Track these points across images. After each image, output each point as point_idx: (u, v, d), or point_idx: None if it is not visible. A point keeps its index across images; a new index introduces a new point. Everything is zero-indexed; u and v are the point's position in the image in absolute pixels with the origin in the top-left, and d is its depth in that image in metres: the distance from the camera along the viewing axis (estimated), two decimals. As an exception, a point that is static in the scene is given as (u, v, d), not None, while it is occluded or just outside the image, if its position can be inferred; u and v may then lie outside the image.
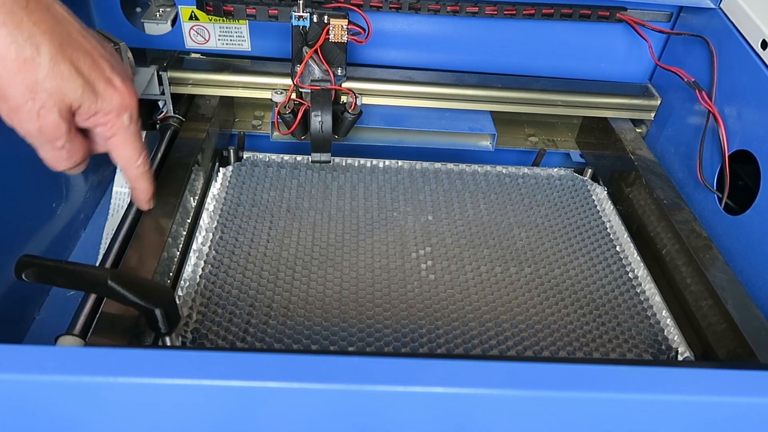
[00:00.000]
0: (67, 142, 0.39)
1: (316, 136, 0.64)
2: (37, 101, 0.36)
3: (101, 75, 0.39)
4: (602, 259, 0.59)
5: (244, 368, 0.30)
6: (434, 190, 0.67)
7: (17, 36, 0.35)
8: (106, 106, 0.39)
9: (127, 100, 0.41)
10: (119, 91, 0.40)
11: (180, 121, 0.69)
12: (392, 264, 0.56)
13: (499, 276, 0.56)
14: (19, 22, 0.35)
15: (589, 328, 0.52)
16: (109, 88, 0.39)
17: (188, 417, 0.32)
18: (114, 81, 0.40)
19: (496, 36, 0.74)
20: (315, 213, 0.62)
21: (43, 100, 0.36)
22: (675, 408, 0.32)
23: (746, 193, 0.60)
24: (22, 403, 0.31)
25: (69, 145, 0.39)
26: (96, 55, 0.39)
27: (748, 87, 0.60)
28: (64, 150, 0.39)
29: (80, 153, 0.41)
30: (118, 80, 0.40)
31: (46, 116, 0.37)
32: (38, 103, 0.36)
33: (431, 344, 0.49)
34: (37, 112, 0.37)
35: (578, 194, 0.68)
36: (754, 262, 0.57)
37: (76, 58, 0.37)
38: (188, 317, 0.48)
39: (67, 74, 0.37)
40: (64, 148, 0.39)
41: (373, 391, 0.31)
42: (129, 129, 0.42)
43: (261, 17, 0.64)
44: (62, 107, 0.37)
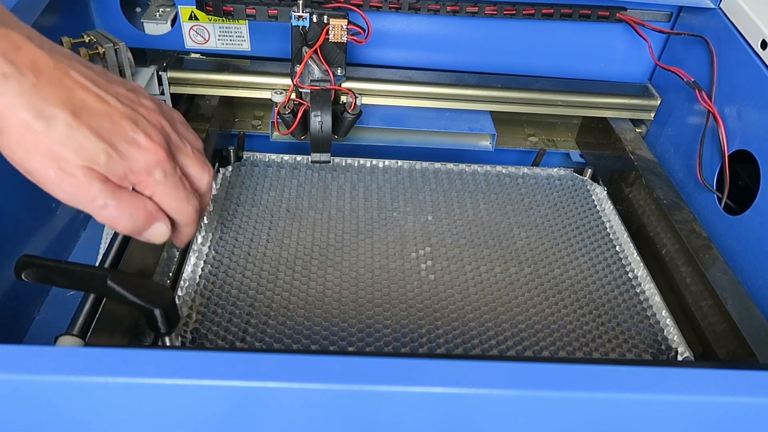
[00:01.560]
0: (109, 198, 0.37)
1: (316, 136, 0.64)
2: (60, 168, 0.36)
3: (123, 135, 0.38)
4: (602, 259, 0.59)
5: (244, 368, 0.30)
6: (434, 190, 0.67)
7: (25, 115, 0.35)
8: (134, 166, 0.38)
9: (154, 157, 0.39)
10: (144, 150, 0.38)
11: (180, 121, 0.69)
12: (392, 264, 0.56)
13: (498, 276, 0.56)
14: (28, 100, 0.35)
15: (589, 328, 0.52)
16: (133, 148, 0.38)
17: (188, 417, 0.32)
18: (138, 140, 0.38)
19: (496, 36, 0.74)
20: (315, 213, 0.61)
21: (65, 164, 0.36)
22: (675, 408, 0.32)
23: (746, 193, 0.60)
24: (22, 403, 0.31)
25: (113, 201, 0.37)
26: (116, 117, 0.38)
27: (748, 87, 0.60)
28: (111, 208, 0.38)
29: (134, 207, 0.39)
30: (143, 138, 0.38)
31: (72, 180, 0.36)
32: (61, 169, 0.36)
33: (431, 344, 0.49)
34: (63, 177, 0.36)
35: (578, 194, 0.68)
36: (754, 262, 0.57)
37: (94, 123, 0.36)
38: (188, 317, 0.48)
39: (85, 139, 0.36)
40: (109, 206, 0.37)
41: (373, 391, 0.31)
42: (166, 183, 0.40)
43: (261, 17, 0.64)
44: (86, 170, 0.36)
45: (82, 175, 0.36)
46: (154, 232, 0.41)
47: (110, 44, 0.62)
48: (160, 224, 0.41)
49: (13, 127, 0.35)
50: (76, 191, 0.37)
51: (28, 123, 0.35)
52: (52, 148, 0.35)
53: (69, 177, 0.36)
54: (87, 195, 0.37)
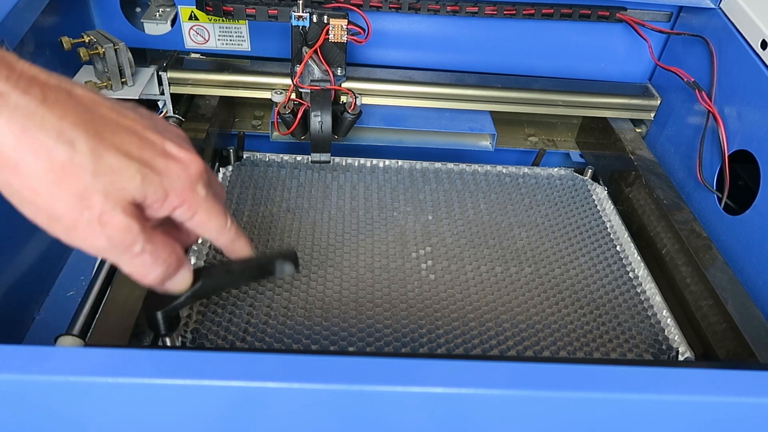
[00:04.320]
0: (146, 243, 0.32)
1: (316, 136, 0.64)
2: (93, 208, 0.30)
3: (155, 150, 0.32)
4: (602, 259, 0.59)
5: (244, 368, 0.30)
6: (434, 189, 0.67)
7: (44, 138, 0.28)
8: (175, 184, 0.32)
9: (193, 169, 0.33)
10: (182, 162, 0.33)
11: (180, 121, 0.69)
12: (392, 264, 0.56)
13: (499, 276, 0.56)
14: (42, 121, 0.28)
15: (590, 327, 0.52)
16: (170, 161, 0.32)
17: (188, 417, 0.32)
18: (171, 151, 0.33)
19: (496, 36, 0.74)
20: (315, 213, 0.61)
21: (100, 203, 0.30)
22: (675, 408, 0.32)
23: (746, 193, 0.60)
24: (22, 403, 0.31)
25: (150, 246, 0.32)
26: (140, 129, 0.32)
27: (748, 87, 0.60)
28: (146, 254, 0.32)
29: (167, 252, 0.34)
30: (174, 148, 0.33)
31: (110, 221, 0.30)
32: (96, 210, 0.30)
33: (431, 344, 0.49)
34: (98, 220, 0.30)
35: (578, 194, 0.68)
36: (754, 262, 0.57)
37: (120, 141, 0.31)
38: (188, 317, 0.48)
39: (117, 164, 0.30)
40: (146, 252, 0.32)
41: (373, 391, 0.31)
42: (207, 199, 0.34)
43: (261, 17, 0.64)
44: (125, 204, 0.31)
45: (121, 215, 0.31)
46: (180, 279, 0.36)
47: (110, 44, 0.62)
48: (185, 270, 0.36)
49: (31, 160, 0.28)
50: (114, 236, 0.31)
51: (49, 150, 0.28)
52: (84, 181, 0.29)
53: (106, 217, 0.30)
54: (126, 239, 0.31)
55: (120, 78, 0.64)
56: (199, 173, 0.34)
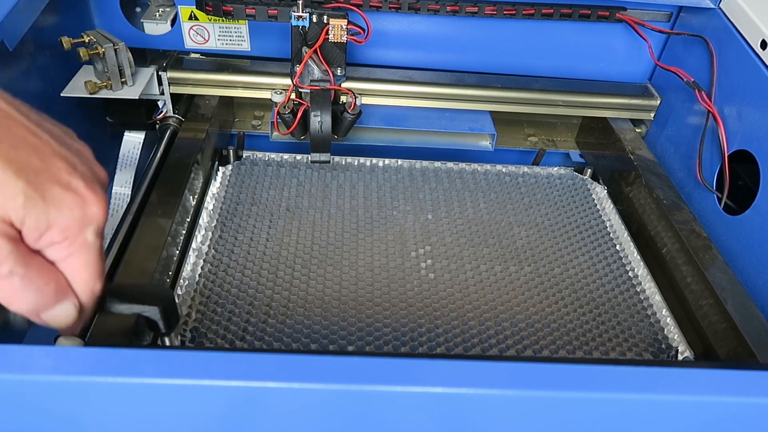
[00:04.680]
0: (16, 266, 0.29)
1: (316, 136, 0.64)
2: None
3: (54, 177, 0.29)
4: (602, 258, 0.59)
5: (244, 368, 0.30)
6: (434, 189, 0.67)
7: None
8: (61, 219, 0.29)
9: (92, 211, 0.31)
10: (81, 198, 0.30)
11: (179, 121, 0.69)
12: (392, 263, 0.56)
13: (498, 275, 0.56)
14: None
15: (589, 327, 0.52)
16: (67, 194, 0.30)
17: (188, 417, 0.32)
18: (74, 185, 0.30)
19: (496, 36, 0.74)
20: (314, 212, 0.61)
21: None
22: (675, 408, 0.32)
23: (746, 193, 0.60)
24: (22, 403, 0.31)
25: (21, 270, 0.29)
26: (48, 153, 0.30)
27: (748, 87, 0.60)
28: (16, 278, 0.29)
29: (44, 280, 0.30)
30: (80, 184, 0.30)
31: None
32: None
33: (431, 343, 0.49)
34: None
35: (578, 193, 0.68)
36: (754, 262, 0.57)
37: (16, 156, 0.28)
38: (187, 316, 0.48)
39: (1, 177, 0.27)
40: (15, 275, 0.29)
41: (373, 391, 0.31)
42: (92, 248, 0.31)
43: (260, 17, 0.64)
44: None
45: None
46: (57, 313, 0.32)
47: (110, 44, 0.62)
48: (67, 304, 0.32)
49: None
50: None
51: None
52: None
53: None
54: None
55: (120, 78, 0.64)
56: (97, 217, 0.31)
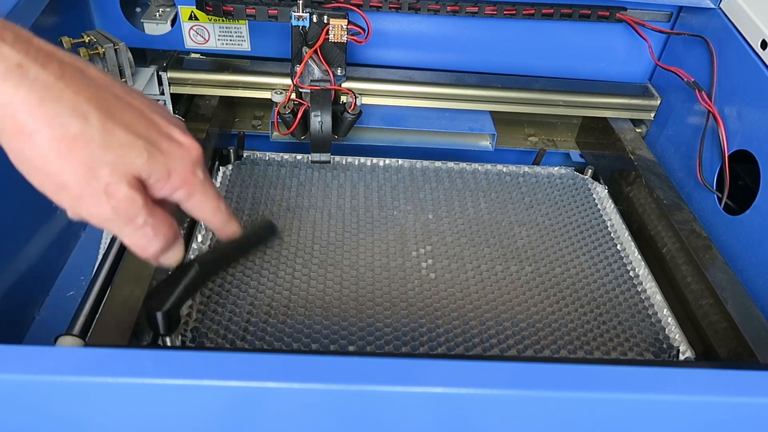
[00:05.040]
0: (148, 216, 0.33)
1: (316, 136, 0.64)
2: (100, 179, 0.31)
3: (161, 132, 0.34)
4: (603, 258, 0.59)
5: (244, 368, 0.30)
6: (434, 188, 0.67)
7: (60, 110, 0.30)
8: (178, 165, 0.34)
9: (194, 153, 0.35)
10: (184, 146, 0.35)
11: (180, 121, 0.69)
12: (392, 263, 0.56)
13: (499, 275, 0.56)
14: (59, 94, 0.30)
15: (590, 326, 0.52)
16: (173, 144, 0.34)
17: (188, 417, 0.32)
18: (175, 135, 0.35)
19: (496, 36, 0.74)
20: (315, 211, 0.61)
21: (107, 175, 0.31)
22: (675, 408, 0.32)
23: (746, 193, 0.60)
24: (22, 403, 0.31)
25: (152, 219, 0.34)
26: (148, 112, 0.34)
27: (748, 87, 0.60)
28: (148, 227, 0.34)
29: (167, 227, 0.35)
30: (178, 133, 0.35)
31: (116, 193, 0.32)
32: (102, 180, 0.31)
33: (431, 343, 0.49)
34: (104, 190, 0.31)
35: (579, 193, 0.68)
36: (754, 262, 0.57)
37: (130, 120, 0.33)
38: (188, 316, 0.48)
39: (125, 140, 0.32)
40: (147, 224, 0.33)
41: (373, 391, 0.31)
42: (205, 182, 0.36)
43: (261, 17, 0.64)
44: (130, 178, 0.32)
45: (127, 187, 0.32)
46: (173, 254, 0.37)
47: (110, 44, 0.62)
48: (178, 246, 0.37)
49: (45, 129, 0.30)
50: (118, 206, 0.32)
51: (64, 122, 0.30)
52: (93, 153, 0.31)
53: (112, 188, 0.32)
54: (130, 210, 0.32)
55: (120, 78, 0.64)
56: (199, 157, 0.36)
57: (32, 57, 0.30)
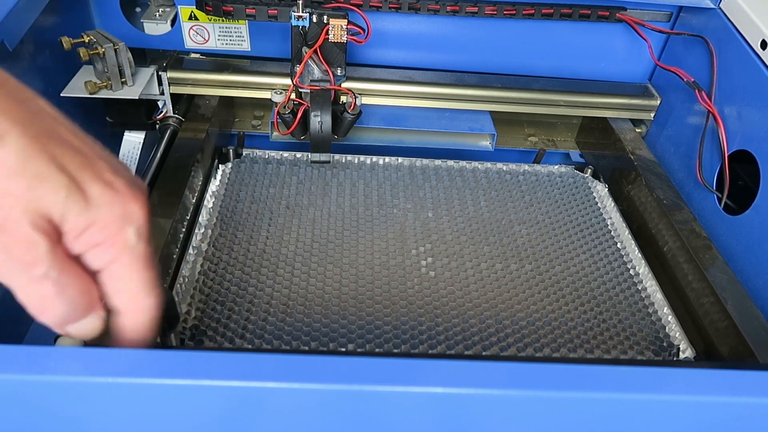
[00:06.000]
0: (52, 269, 0.27)
1: (316, 136, 0.64)
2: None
3: (96, 175, 0.29)
4: (603, 256, 0.59)
5: (244, 368, 0.30)
6: (434, 187, 0.67)
7: None
8: (102, 215, 0.28)
9: (133, 209, 0.29)
10: (121, 196, 0.29)
11: (179, 121, 0.69)
12: (392, 261, 0.56)
13: (499, 273, 0.56)
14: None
15: (591, 325, 0.52)
16: (108, 191, 0.29)
17: (188, 417, 0.32)
18: (116, 184, 0.29)
19: (496, 36, 0.74)
20: (314, 210, 0.61)
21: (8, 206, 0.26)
22: (675, 408, 0.32)
23: (746, 193, 0.60)
24: (22, 403, 0.31)
25: (56, 274, 0.28)
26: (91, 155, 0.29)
27: (748, 87, 0.60)
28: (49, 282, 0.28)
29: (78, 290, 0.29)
30: (120, 183, 0.29)
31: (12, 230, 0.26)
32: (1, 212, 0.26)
33: (431, 341, 0.48)
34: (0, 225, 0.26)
35: (579, 191, 0.68)
36: (754, 262, 0.57)
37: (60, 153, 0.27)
38: (187, 314, 0.48)
39: (44, 171, 0.27)
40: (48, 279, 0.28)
41: (373, 391, 0.31)
42: (135, 251, 0.30)
43: (260, 17, 0.64)
44: (36, 217, 0.27)
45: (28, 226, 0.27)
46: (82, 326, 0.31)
47: (110, 44, 0.62)
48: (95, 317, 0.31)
49: None
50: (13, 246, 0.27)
51: None
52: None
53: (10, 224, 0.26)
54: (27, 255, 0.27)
55: (120, 78, 0.64)
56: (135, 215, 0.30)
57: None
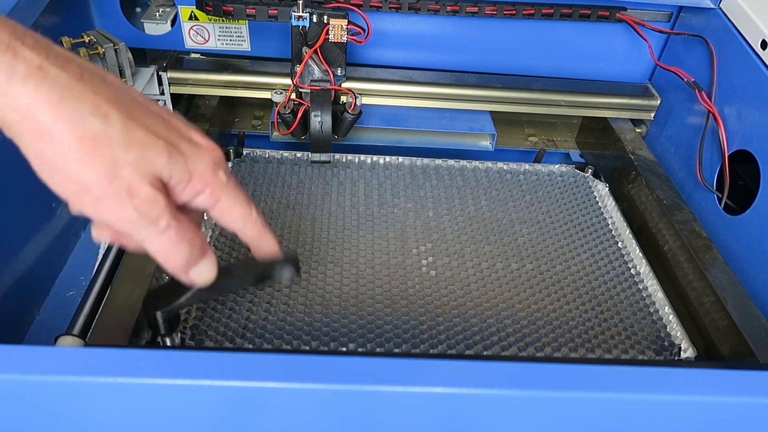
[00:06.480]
0: (171, 219, 0.32)
1: (316, 136, 0.64)
2: (122, 179, 0.31)
3: (180, 135, 0.34)
4: (604, 256, 0.59)
5: (244, 368, 0.30)
6: (435, 186, 0.67)
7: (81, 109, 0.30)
8: (199, 167, 0.34)
9: (216, 155, 0.35)
10: (205, 148, 0.34)
11: (180, 120, 0.69)
12: (393, 260, 0.56)
13: (500, 272, 0.56)
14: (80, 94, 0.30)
15: (591, 324, 0.52)
16: (193, 146, 0.34)
17: (188, 417, 0.32)
18: (195, 138, 0.34)
19: (496, 36, 0.74)
20: (315, 209, 0.61)
21: (129, 175, 0.31)
22: (675, 408, 0.32)
23: (746, 193, 0.60)
24: (22, 403, 0.31)
25: (175, 222, 0.33)
26: (167, 116, 0.34)
27: (748, 87, 0.60)
28: (172, 230, 0.33)
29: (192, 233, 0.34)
30: (198, 136, 0.35)
31: (137, 192, 0.31)
32: (124, 180, 0.31)
33: (432, 340, 0.48)
34: (126, 190, 0.31)
35: (580, 191, 0.68)
36: (754, 262, 0.57)
37: (149, 122, 0.32)
38: (187, 314, 0.48)
39: (146, 140, 0.32)
40: (171, 227, 0.33)
41: (373, 391, 0.31)
42: (230, 186, 0.36)
43: (261, 17, 0.64)
44: (152, 178, 0.32)
45: (149, 187, 0.31)
46: (204, 268, 0.36)
47: (110, 44, 0.62)
48: (210, 259, 0.36)
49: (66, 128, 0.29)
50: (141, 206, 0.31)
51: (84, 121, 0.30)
52: (115, 152, 0.30)
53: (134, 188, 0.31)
54: (152, 211, 0.32)
55: (120, 78, 0.64)
56: (220, 159, 0.35)
57: (52, 60, 0.30)
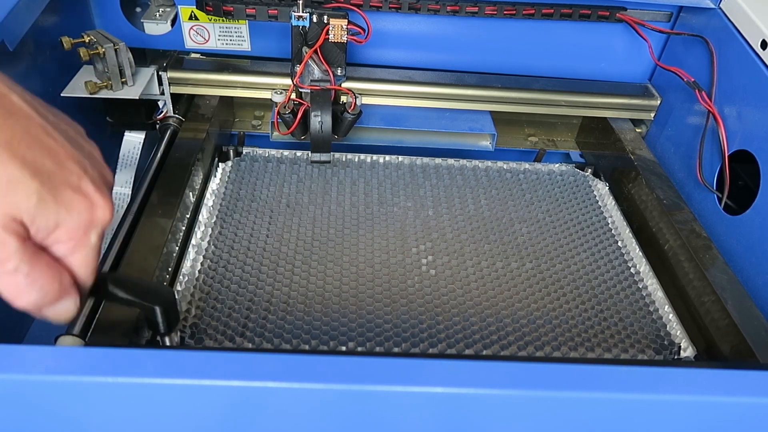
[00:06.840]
0: (22, 263, 0.29)
1: (316, 136, 0.64)
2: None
3: (67, 180, 0.30)
4: (604, 255, 0.59)
5: (244, 368, 0.30)
6: (435, 185, 0.67)
7: None
8: (70, 221, 0.31)
9: (99, 216, 0.32)
10: (90, 203, 0.31)
11: (180, 121, 0.69)
12: (392, 259, 0.56)
13: (500, 271, 0.56)
14: None
15: (591, 323, 0.52)
16: (77, 197, 0.31)
17: (188, 417, 0.32)
18: (84, 188, 0.31)
19: (496, 36, 0.74)
20: (315, 208, 0.61)
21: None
22: (675, 408, 0.32)
23: (746, 193, 0.60)
24: (22, 403, 0.31)
25: (27, 268, 0.30)
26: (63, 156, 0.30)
27: (748, 87, 0.60)
28: (20, 274, 0.30)
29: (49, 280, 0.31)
30: (90, 188, 0.31)
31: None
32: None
33: (432, 339, 0.48)
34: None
35: (579, 190, 0.68)
36: (754, 262, 0.57)
37: (32, 157, 0.29)
38: (187, 312, 0.48)
39: (16, 177, 0.28)
40: (20, 273, 0.30)
41: (373, 391, 0.31)
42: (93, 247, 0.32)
43: (261, 17, 0.64)
44: (7, 220, 0.29)
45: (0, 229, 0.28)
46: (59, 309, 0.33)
47: (110, 44, 0.62)
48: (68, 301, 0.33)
49: None
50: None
51: None
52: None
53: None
54: None
55: (120, 78, 0.64)
56: (100, 221, 0.32)
57: None
